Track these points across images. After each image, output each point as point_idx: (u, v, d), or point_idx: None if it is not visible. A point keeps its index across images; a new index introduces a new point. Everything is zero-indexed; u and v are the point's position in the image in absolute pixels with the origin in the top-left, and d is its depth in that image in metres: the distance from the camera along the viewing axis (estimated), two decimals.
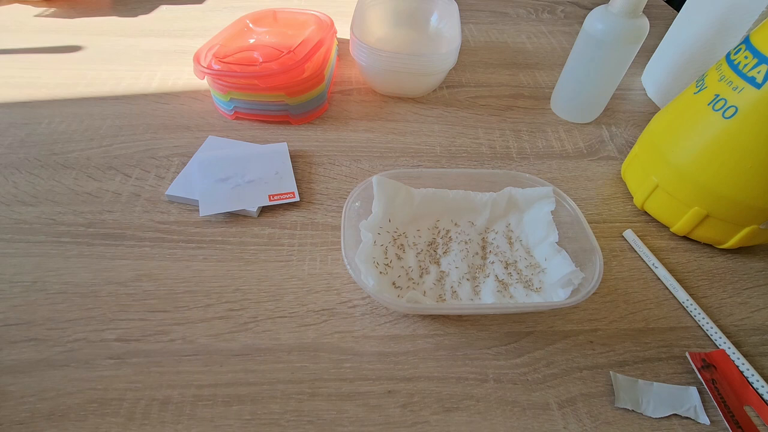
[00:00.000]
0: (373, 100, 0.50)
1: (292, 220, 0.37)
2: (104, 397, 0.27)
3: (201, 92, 0.49)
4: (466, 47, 0.59)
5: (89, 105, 0.47)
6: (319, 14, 0.51)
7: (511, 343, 0.31)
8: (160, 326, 0.30)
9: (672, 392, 0.28)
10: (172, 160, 0.41)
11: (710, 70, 0.34)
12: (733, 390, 0.28)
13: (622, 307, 0.33)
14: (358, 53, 0.46)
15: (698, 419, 0.27)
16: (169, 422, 0.26)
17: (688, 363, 0.30)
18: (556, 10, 0.70)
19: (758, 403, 0.28)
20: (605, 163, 0.44)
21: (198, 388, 0.28)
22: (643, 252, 0.36)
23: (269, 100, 0.44)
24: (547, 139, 0.47)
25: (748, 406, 0.28)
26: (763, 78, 0.29)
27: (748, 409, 0.28)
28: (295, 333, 0.30)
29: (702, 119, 0.33)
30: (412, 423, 0.27)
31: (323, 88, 0.46)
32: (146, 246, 0.35)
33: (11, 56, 0.53)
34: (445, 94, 0.52)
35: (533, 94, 0.53)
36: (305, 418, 0.27)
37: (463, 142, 0.46)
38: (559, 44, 0.62)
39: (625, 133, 0.48)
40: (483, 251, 0.35)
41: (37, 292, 0.31)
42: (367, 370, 0.29)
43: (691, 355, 0.30)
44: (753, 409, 0.28)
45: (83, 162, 0.41)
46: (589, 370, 0.30)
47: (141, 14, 0.63)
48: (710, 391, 0.28)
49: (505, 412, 0.27)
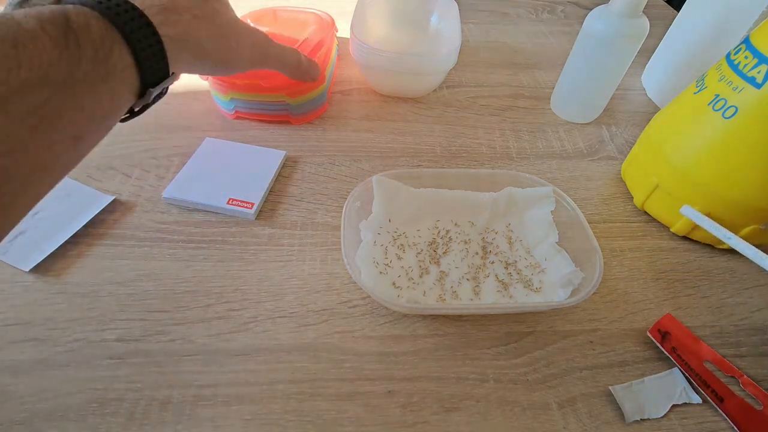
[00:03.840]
0: (373, 100, 0.50)
1: (292, 220, 0.37)
2: (104, 397, 0.27)
3: (201, 92, 0.49)
4: (466, 47, 0.59)
5: None
6: (321, 13, 0.50)
7: (511, 343, 0.31)
8: (160, 326, 0.30)
9: (662, 382, 0.29)
10: (172, 160, 0.41)
11: (710, 70, 0.34)
12: (690, 350, 0.29)
13: (622, 307, 0.33)
14: (358, 53, 0.46)
15: (691, 401, 0.28)
16: (169, 422, 0.26)
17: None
18: (556, 10, 0.70)
19: (713, 356, 0.29)
20: (605, 163, 0.44)
21: (198, 388, 0.28)
22: (710, 225, 0.31)
23: (270, 100, 0.44)
24: (547, 139, 0.47)
25: (707, 361, 0.29)
26: (763, 78, 0.29)
27: (708, 364, 0.29)
28: (295, 333, 0.30)
29: (702, 119, 0.33)
30: (412, 423, 0.27)
31: (324, 88, 0.46)
32: (146, 246, 0.35)
33: None
34: (445, 94, 0.52)
35: (533, 94, 0.53)
36: (305, 418, 0.27)
37: (463, 142, 0.46)
38: (559, 44, 0.62)
39: (625, 133, 0.48)
40: (483, 251, 0.35)
41: (37, 292, 0.31)
42: (367, 370, 0.29)
43: (651, 332, 0.31)
44: (711, 363, 0.29)
45: (83, 162, 0.40)
46: (589, 370, 0.30)
47: None
48: (675, 360, 0.29)
49: (505, 412, 0.27)
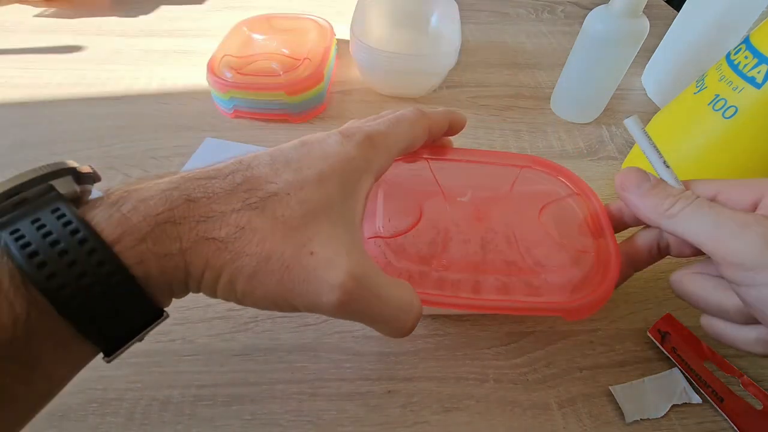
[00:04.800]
0: (373, 100, 0.50)
1: None
2: (104, 397, 0.27)
3: (201, 92, 0.49)
4: (466, 47, 0.59)
5: (89, 105, 0.47)
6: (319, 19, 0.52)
7: (511, 343, 0.31)
8: (160, 326, 0.30)
9: (662, 382, 0.29)
10: (172, 160, 0.41)
11: (710, 70, 0.34)
12: (690, 350, 0.29)
13: (622, 307, 0.33)
14: (358, 53, 0.46)
15: (691, 401, 0.28)
16: (169, 422, 0.26)
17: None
18: (556, 10, 0.70)
19: (713, 356, 0.29)
20: (605, 163, 0.44)
21: (198, 388, 0.28)
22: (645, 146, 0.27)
23: (269, 99, 0.44)
24: (547, 139, 0.47)
25: (707, 361, 0.29)
26: (763, 78, 0.29)
27: (708, 364, 0.29)
28: (295, 333, 0.30)
29: (702, 119, 0.33)
30: (412, 423, 0.27)
31: (322, 86, 0.46)
32: None
33: (11, 56, 0.53)
34: (445, 94, 0.52)
35: (533, 94, 0.53)
36: (305, 418, 0.27)
37: (463, 142, 0.46)
38: (559, 44, 0.62)
39: (625, 133, 0.48)
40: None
41: None
42: (367, 370, 0.29)
43: (651, 332, 0.31)
44: (711, 363, 0.29)
45: (83, 162, 0.40)
46: (589, 370, 0.30)
47: (141, 14, 0.63)
48: (675, 360, 0.29)
49: (505, 412, 0.27)
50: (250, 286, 0.17)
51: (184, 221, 0.17)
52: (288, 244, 0.18)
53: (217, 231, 0.17)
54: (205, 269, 0.17)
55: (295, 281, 0.17)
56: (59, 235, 0.15)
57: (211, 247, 0.17)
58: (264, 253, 0.17)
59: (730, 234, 0.21)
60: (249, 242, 0.17)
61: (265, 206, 0.18)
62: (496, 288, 0.29)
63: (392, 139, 0.23)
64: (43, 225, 0.15)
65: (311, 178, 0.19)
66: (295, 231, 0.18)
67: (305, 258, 0.18)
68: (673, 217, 0.23)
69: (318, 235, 0.18)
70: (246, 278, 0.17)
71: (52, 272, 0.14)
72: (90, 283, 0.15)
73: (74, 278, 0.14)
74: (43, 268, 0.14)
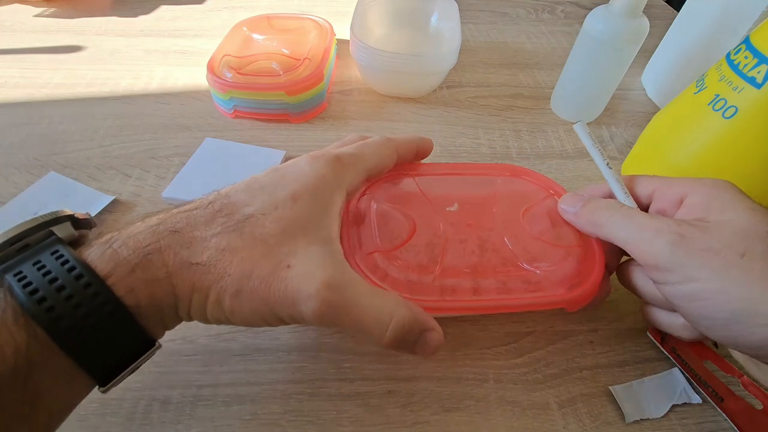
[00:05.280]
0: (372, 100, 0.50)
1: None
2: (104, 397, 0.27)
3: (201, 92, 0.49)
4: (466, 47, 0.59)
5: (89, 105, 0.47)
6: (319, 19, 0.52)
7: (511, 343, 0.31)
8: None
9: (662, 382, 0.29)
10: (172, 160, 0.41)
11: (710, 70, 0.34)
12: (690, 350, 0.29)
13: (622, 307, 0.33)
14: (357, 53, 0.46)
15: (691, 401, 0.28)
16: (169, 422, 0.26)
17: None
18: (556, 10, 0.70)
19: (713, 356, 0.29)
20: None
21: (198, 388, 0.27)
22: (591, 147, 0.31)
23: (269, 99, 0.44)
24: (547, 139, 0.47)
25: (707, 361, 0.29)
26: (763, 78, 0.29)
27: (708, 364, 0.29)
28: (296, 333, 0.30)
29: (702, 119, 0.33)
30: (412, 423, 0.27)
31: (322, 86, 0.46)
32: None
33: (11, 56, 0.53)
34: (445, 94, 0.52)
35: (533, 94, 0.53)
36: (305, 418, 0.27)
37: (463, 142, 0.46)
38: (559, 44, 0.62)
39: (625, 133, 0.48)
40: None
41: None
42: (367, 370, 0.29)
43: (650, 332, 0.31)
44: (711, 363, 0.29)
45: (83, 162, 0.41)
46: (589, 370, 0.30)
47: (141, 14, 0.63)
48: (675, 360, 0.29)
49: (505, 412, 0.27)
50: (237, 303, 0.19)
51: (169, 249, 0.18)
52: (267, 260, 0.19)
53: (199, 256, 0.19)
54: (192, 292, 0.18)
55: (277, 294, 0.19)
56: (58, 273, 0.16)
57: (195, 271, 0.18)
58: (245, 271, 0.19)
59: (647, 240, 0.24)
60: (230, 263, 0.19)
61: (243, 228, 0.19)
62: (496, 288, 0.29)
63: (359, 158, 0.25)
64: (43, 266, 0.16)
65: (285, 198, 0.21)
66: (273, 248, 0.19)
67: (283, 271, 0.19)
68: (602, 226, 0.26)
69: (294, 250, 0.20)
70: (231, 296, 0.19)
71: (50, 306, 0.15)
72: (85, 314, 0.16)
73: (71, 309, 0.16)
74: (43, 303, 0.15)
